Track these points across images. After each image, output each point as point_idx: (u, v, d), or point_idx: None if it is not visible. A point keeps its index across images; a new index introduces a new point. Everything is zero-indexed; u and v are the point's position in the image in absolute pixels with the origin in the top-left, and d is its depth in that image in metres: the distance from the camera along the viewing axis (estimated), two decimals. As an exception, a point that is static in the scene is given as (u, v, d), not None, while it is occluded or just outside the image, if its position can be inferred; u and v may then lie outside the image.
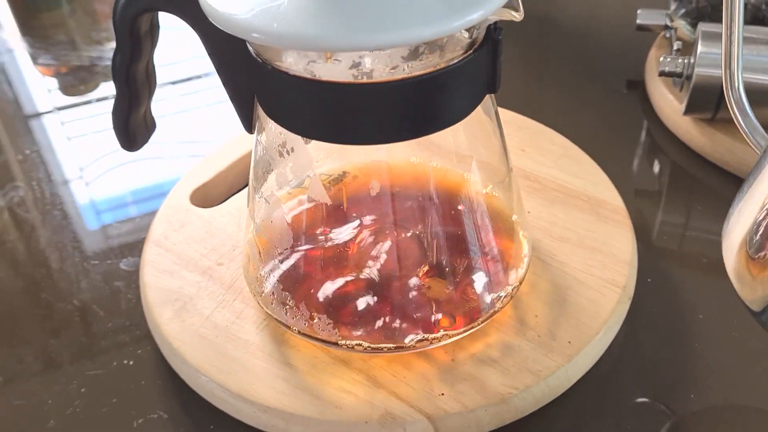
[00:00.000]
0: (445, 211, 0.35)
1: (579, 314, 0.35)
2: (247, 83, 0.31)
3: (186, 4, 0.30)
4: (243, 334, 0.35)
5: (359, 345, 0.32)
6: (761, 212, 0.27)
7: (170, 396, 0.35)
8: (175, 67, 0.62)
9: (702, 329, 0.37)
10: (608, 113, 0.54)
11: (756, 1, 0.49)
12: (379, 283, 0.33)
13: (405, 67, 0.28)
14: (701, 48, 0.45)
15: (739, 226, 0.29)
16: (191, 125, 0.56)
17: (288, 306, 0.33)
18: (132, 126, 0.34)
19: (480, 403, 0.31)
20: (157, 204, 0.43)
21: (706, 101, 0.46)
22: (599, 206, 0.41)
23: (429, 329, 0.32)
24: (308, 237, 0.35)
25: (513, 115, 0.49)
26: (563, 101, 0.56)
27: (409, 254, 0.34)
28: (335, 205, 0.36)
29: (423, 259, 0.33)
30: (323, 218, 0.35)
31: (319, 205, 0.35)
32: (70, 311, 0.40)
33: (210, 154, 0.46)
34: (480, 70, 0.29)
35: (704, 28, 0.46)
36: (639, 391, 0.34)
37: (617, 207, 0.41)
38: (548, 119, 0.48)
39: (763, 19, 0.49)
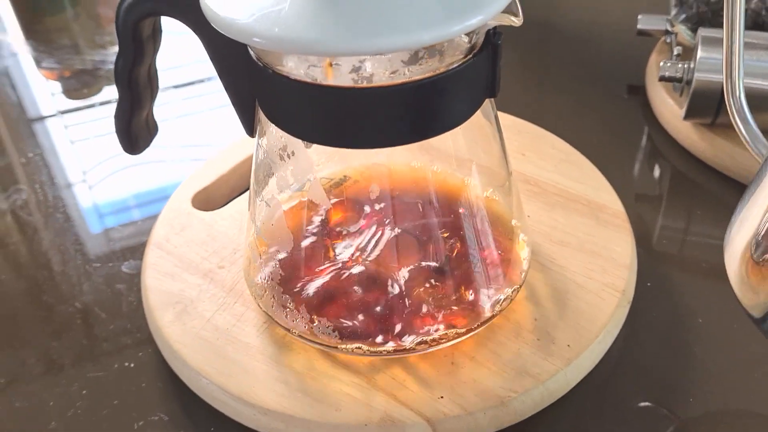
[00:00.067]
0: (445, 215, 0.35)
1: (578, 318, 0.35)
2: (249, 87, 0.31)
3: (188, 9, 0.30)
4: (244, 337, 0.35)
5: (359, 348, 0.32)
6: (765, 218, 0.27)
7: (171, 398, 0.35)
8: (178, 71, 0.62)
9: (701, 333, 0.37)
10: (609, 118, 0.54)
11: (756, 6, 0.49)
12: (379, 287, 0.33)
13: (405, 72, 0.28)
14: (701, 53, 0.45)
15: (742, 233, 0.29)
16: (193, 129, 0.56)
17: (288, 309, 0.33)
18: (134, 129, 0.35)
19: (479, 406, 0.31)
20: (159, 207, 0.43)
21: (706, 106, 0.46)
22: (599, 210, 0.41)
23: (428, 333, 0.33)
24: (309, 240, 0.35)
25: (514, 120, 0.49)
26: (564, 106, 0.56)
27: (409, 258, 0.34)
28: (335, 209, 0.36)
29: (422, 263, 0.34)
30: (324, 222, 0.36)
31: (320, 209, 0.35)
32: (72, 313, 0.40)
33: (212, 158, 0.46)
34: (479, 75, 0.29)
35: (704, 33, 0.46)
36: (638, 395, 0.34)
37: (617, 211, 0.41)
38: (549, 124, 0.48)
39: (763, 25, 0.49)
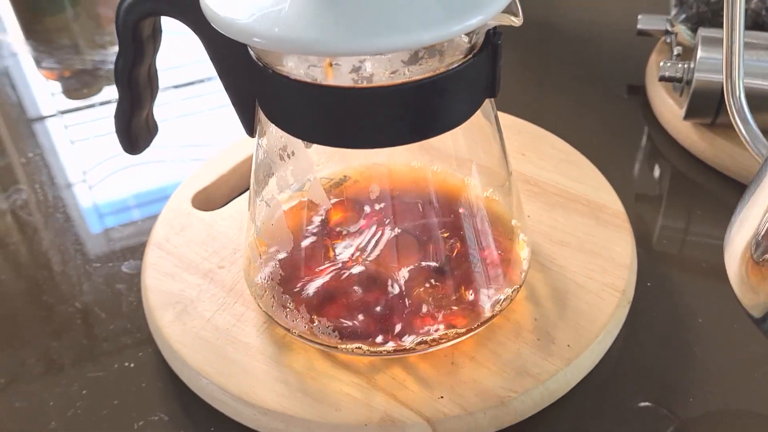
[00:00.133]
0: (445, 215, 0.35)
1: (578, 318, 0.35)
2: (249, 87, 0.32)
3: (188, 9, 0.30)
4: (243, 337, 0.35)
5: (359, 348, 0.32)
6: (765, 219, 0.27)
7: (171, 398, 0.35)
8: (178, 71, 0.62)
9: (701, 333, 0.37)
10: (609, 118, 0.54)
11: (756, 6, 0.49)
12: (379, 287, 0.33)
13: (405, 72, 0.28)
14: (701, 53, 0.45)
15: (742, 233, 0.29)
16: (193, 129, 0.56)
17: (288, 309, 0.33)
18: (134, 129, 0.35)
19: (479, 406, 0.31)
20: (159, 207, 0.43)
21: (706, 106, 0.46)
22: (599, 210, 0.41)
23: (428, 332, 0.33)
24: (309, 240, 0.35)
25: (514, 120, 0.49)
26: (564, 106, 0.56)
27: (409, 258, 0.34)
28: (335, 209, 0.36)
29: (422, 263, 0.34)
30: (323, 222, 0.36)
31: (320, 209, 0.35)
32: (72, 314, 0.40)
33: (212, 158, 0.46)
34: (479, 75, 0.29)
35: (704, 33, 0.46)
36: (638, 395, 0.34)
37: (617, 211, 0.41)
38: (549, 124, 0.48)
39: (763, 25, 0.49)
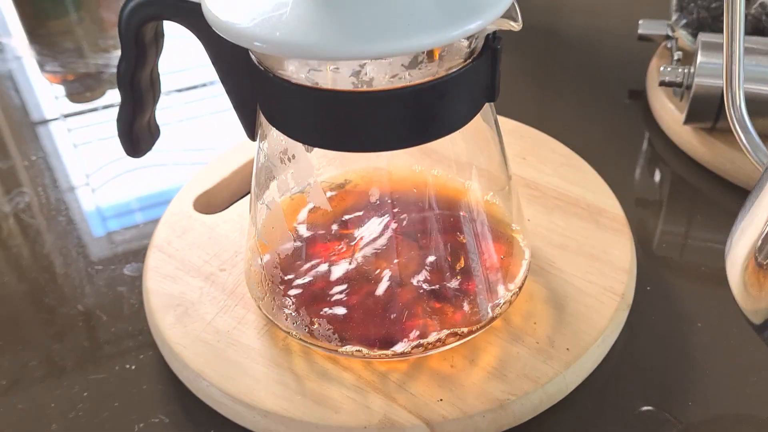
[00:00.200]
0: (445, 219, 0.35)
1: (577, 321, 0.35)
2: (250, 91, 0.32)
3: (190, 14, 0.30)
4: (244, 340, 0.35)
5: (358, 351, 0.33)
6: (767, 226, 0.27)
7: (172, 400, 0.35)
8: (180, 75, 0.63)
9: (701, 338, 0.37)
10: (609, 122, 0.54)
11: (756, 12, 0.49)
12: (379, 290, 0.33)
13: (405, 76, 0.28)
14: (701, 58, 0.45)
15: (744, 241, 0.29)
16: (195, 132, 0.56)
17: (288, 312, 0.34)
18: (136, 132, 0.35)
19: (478, 409, 0.31)
20: (161, 210, 0.44)
21: (706, 111, 0.46)
22: (599, 214, 0.41)
23: (428, 336, 0.33)
24: (309, 244, 0.35)
25: (515, 124, 0.49)
26: (565, 110, 0.56)
27: (409, 261, 0.34)
28: (336, 212, 0.36)
29: (422, 266, 0.34)
30: (324, 225, 0.36)
31: (320, 212, 0.36)
32: (74, 316, 0.40)
33: (213, 162, 0.46)
34: (479, 79, 0.30)
35: (704, 39, 0.46)
36: (638, 399, 0.34)
37: (616, 215, 0.41)
38: (550, 128, 0.48)
39: (764, 30, 0.49)
